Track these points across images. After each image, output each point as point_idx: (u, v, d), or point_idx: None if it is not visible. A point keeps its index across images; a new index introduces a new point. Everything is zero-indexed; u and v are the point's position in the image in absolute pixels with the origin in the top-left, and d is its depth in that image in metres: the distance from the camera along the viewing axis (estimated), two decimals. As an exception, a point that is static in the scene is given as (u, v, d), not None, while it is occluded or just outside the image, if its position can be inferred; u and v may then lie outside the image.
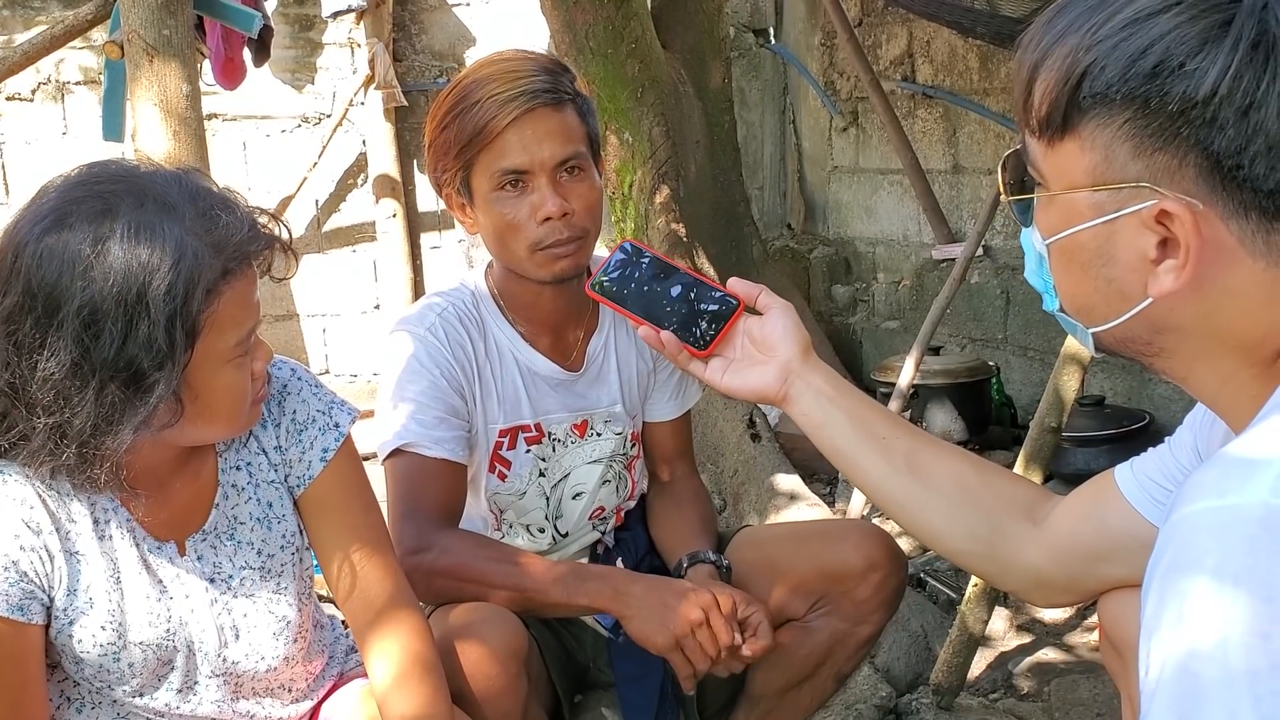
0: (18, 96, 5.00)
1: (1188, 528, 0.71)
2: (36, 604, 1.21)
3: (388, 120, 5.15)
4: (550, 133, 1.57)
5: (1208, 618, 0.67)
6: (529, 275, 1.63)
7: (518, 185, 1.58)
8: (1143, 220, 0.82)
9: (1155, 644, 0.70)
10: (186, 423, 1.19)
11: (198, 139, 2.64)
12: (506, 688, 1.43)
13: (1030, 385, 3.87)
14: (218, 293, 1.14)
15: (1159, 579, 0.71)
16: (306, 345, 5.38)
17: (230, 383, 1.21)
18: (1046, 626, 2.74)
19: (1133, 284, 0.85)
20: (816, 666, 1.71)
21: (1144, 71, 0.79)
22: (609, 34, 3.73)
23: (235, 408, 1.23)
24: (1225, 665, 0.66)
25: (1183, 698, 0.67)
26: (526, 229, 1.58)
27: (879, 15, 4.68)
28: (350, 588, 1.36)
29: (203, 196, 1.18)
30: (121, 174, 1.18)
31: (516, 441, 1.70)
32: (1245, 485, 0.69)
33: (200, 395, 1.18)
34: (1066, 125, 0.84)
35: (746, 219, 4.30)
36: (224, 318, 1.16)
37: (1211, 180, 0.79)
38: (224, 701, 1.35)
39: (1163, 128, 0.80)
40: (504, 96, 1.55)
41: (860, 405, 1.23)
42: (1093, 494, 1.19)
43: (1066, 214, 0.88)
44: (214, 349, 1.17)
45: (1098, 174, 0.84)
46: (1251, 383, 0.84)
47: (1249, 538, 0.67)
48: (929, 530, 1.23)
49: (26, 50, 3.46)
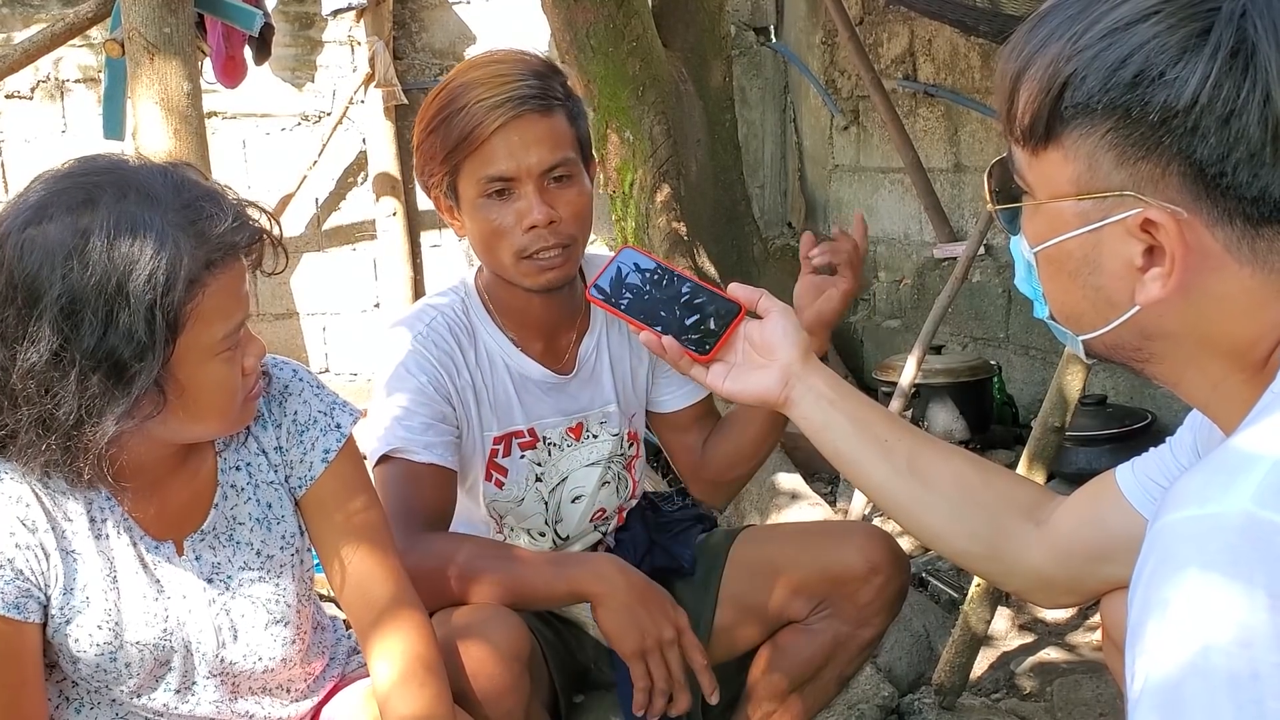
0: (17, 94, 5.00)
1: (1170, 536, 0.71)
2: (33, 602, 1.21)
3: (388, 118, 5.14)
4: (537, 139, 1.55)
5: (1189, 627, 0.67)
6: (516, 283, 1.61)
7: (504, 192, 1.56)
8: (1128, 229, 0.82)
9: (1139, 653, 0.70)
10: (175, 417, 1.19)
11: (198, 137, 2.64)
12: (509, 688, 1.42)
13: (1032, 384, 3.86)
14: (202, 284, 1.14)
15: (1143, 587, 0.71)
16: (306, 344, 5.38)
17: (218, 377, 1.20)
18: (1049, 626, 2.74)
19: (1120, 292, 0.85)
20: (819, 669, 1.71)
21: (1124, 81, 0.79)
22: (610, 32, 3.73)
23: (225, 404, 1.22)
24: (1207, 674, 0.66)
25: (1165, 707, 0.67)
26: (512, 236, 1.56)
27: (880, 13, 4.67)
28: (352, 588, 1.36)
29: (188, 189, 1.18)
30: (107, 167, 1.18)
31: (511, 448, 1.69)
32: (1227, 493, 0.69)
33: (187, 389, 1.17)
34: (1050, 135, 0.84)
35: (747, 218, 4.29)
36: (209, 310, 1.15)
37: (1195, 188, 0.79)
38: (222, 702, 1.35)
39: (1145, 137, 0.80)
40: (490, 102, 1.53)
41: (861, 407, 1.23)
42: (1094, 494, 1.19)
43: (1052, 222, 0.88)
44: (199, 341, 1.16)
45: (1082, 183, 0.84)
46: (1241, 387, 0.84)
47: (1230, 547, 0.67)
48: (931, 532, 1.22)
49: (27, 48, 3.46)
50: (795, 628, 1.69)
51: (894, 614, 1.70)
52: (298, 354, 5.27)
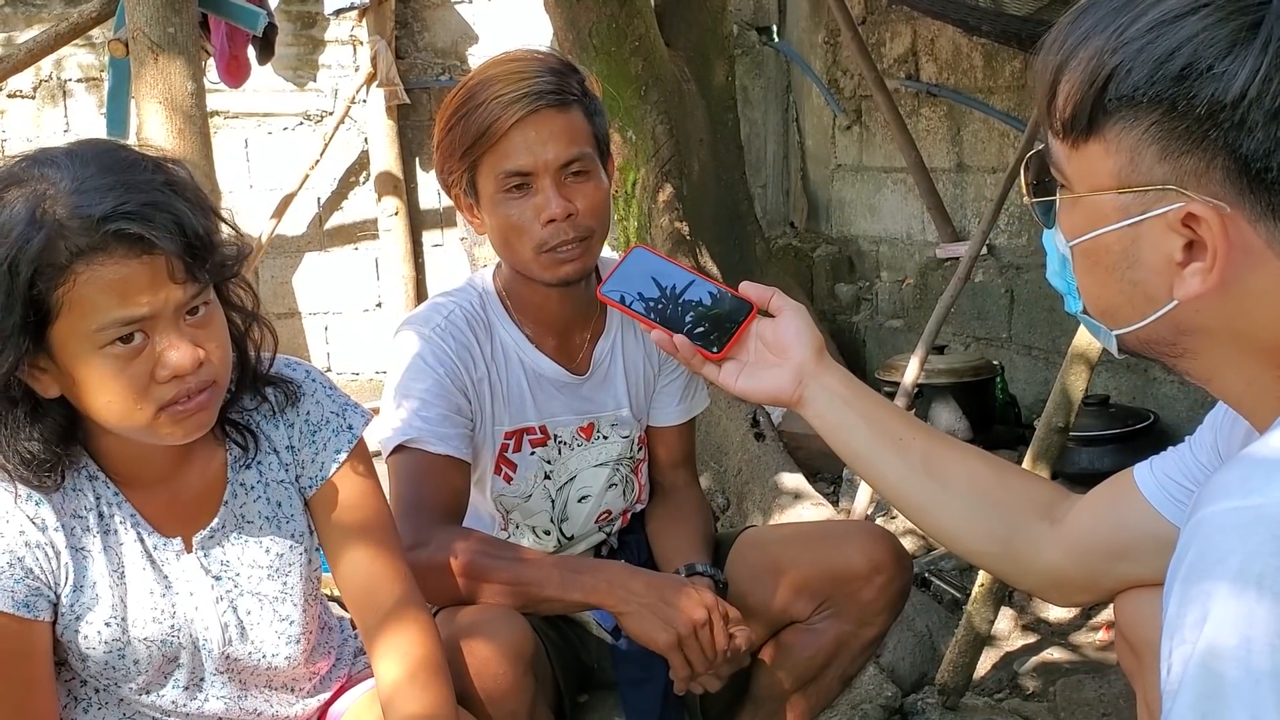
0: (19, 94, 5.01)
1: (1211, 528, 0.70)
2: (43, 601, 1.21)
3: (390, 118, 5.15)
4: (555, 134, 1.56)
5: (1231, 618, 0.67)
6: (535, 277, 1.62)
7: (522, 187, 1.57)
8: (1169, 223, 0.82)
9: (1177, 644, 0.69)
10: (89, 413, 1.18)
11: (202, 137, 2.65)
12: (513, 688, 1.42)
13: (1034, 384, 3.86)
14: (72, 271, 1.11)
15: (1181, 579, 0.71)
16: (308, 343, 5.38)
17: (101, 371, 1.15)
18: (1052, 626, 2.74)
19: (1158, 287, 0.85)
20: (821, 668, 1.71)
21: (1171, 74, 0.79)
22: (612, 32, 3.73)
23: (117, 405, 1.17)
24: (1249, 666, 0.66)
25: (1205, 698, 0.67)
26: (531, 230, 1.58)
27: (883, 13, 4.67)
28: (359, 589, 1.36)
29: (112, 172, 1.14)
30: (56, 149, 1.18)
31: (522, 444, 1.70)
32: (1269, 485, 0.69)
33: (76, 378, 1.15)
34: (1091, 127, 0.84)
35: (750, 217, 4.30)
36: (81, 299, 1.12)
37: (1239, 183, 0.79)
38: (231, 699, 1.35)
39: (1190, 130, 0.79)
40: (508, 98, 1.55)
41: (875, 406, 1.23)
42: (1111, 493, 1.18)
43: (1091, 216, 0.87)
44: (75, 329, 1.13)
45: (1123, 176, 0.84)
46: (1276, 384, 0.84)
47: (1273, 538, 0.67)
48: (946, 530, 1.22)
49: (31, 48, 3.46)
50: (798, 627, 1.69)
51: (897, 613, 1.70)
52: (299, 353, 5.27)
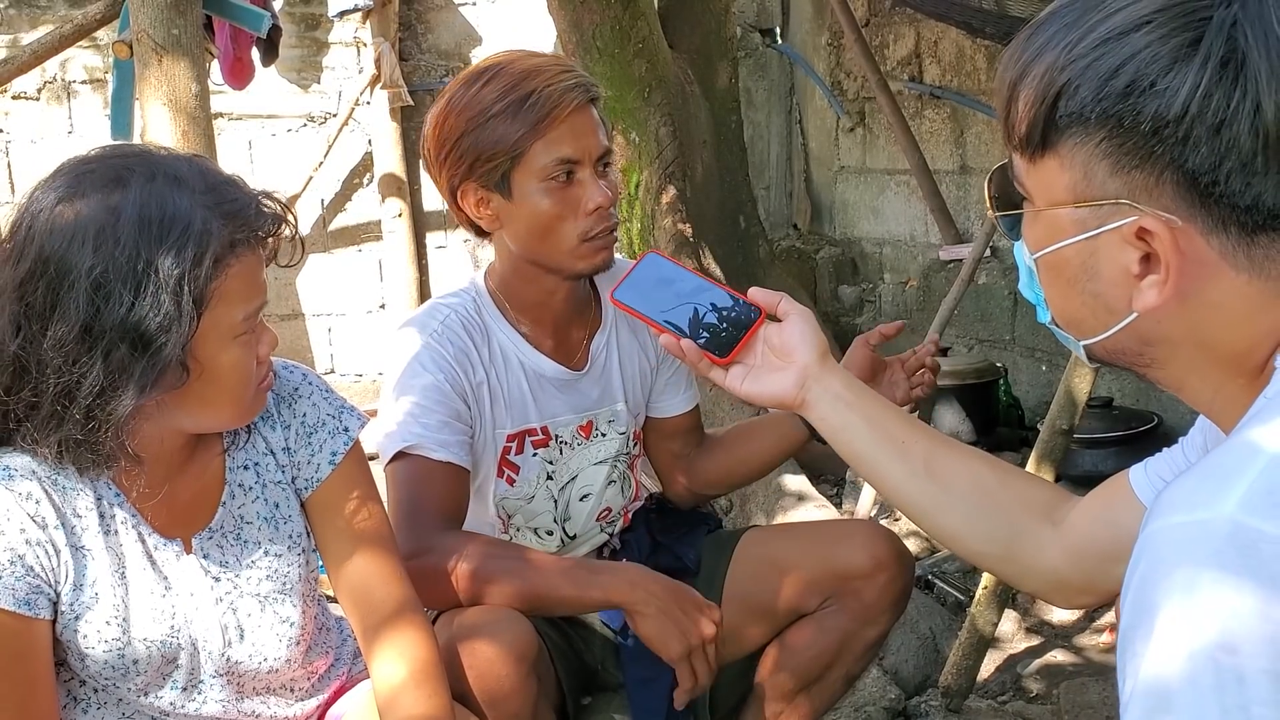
0: (23, 95, 5.01)
1: (1159, 541, 0.71)
2: (43, 599, 1.22)
3: (393, 120, 5.15)
4: (592, 126, 1.60)
5: (1176, 632, 0.67)
6: (566, 268, 1.63)
7: (570, 175, 1.59)
8: (1124, 236, 0.83)
9: (1130, 657, 0.70)
10: (192, 400, 1.21)
11: (206, 138, 2.65)
12: (516, 688, 1.42)
13: (1038, 386, 3.86)
14: (225, 264, 1.18)
15: (1133, 591, 0.72)
16: (312, 345, 5.38)
17: (235, 360, 1.22)
18: (1056, 629, 2.73)
19: (1118, 298, 0.86)
20: (825, 668, 1.71)
21: (1117, 91, 0.79)
22: (616, 34, 3.73)
23: (239, 388, 1.24)
24: (1193, 679, 0.66)
25: (1153, 711, 0.68)
26: (575, 219, 1.59)
27: (886, 15, 4.67)
28: (355, 590, 1.36)
29: (212, 174, 1.22)
30: (135, 152, 1.23)
31: (524, 446, 1.69)
32: (1214, 500, 0.70)
33: (206, 369, 1.20)
34: (1046, 143, 0.85)
35: (753, 219, 4.30)
36: (230, 291, 1.19)
37: (1189, 197, 0.79)
38: (229, 701, 1.35)
39: (1138, 146, 0.80)
40: (563, 86, 1.56)
41: (878, 409, 1.23)
42: (1107, 495, 1.19)
43: (1051, 229, 0.88)
44: (221, 321, 1.19)
45: (1078, 191, 0.84)
46: (1240, 392, 0.84)
47: (1216, 553, 0.68)
48: (948, 533, 1.22)
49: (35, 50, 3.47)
50: (801, 626, 1.69)
51: (899, 612, 1.70)
52: (303, 355, 5.28)
